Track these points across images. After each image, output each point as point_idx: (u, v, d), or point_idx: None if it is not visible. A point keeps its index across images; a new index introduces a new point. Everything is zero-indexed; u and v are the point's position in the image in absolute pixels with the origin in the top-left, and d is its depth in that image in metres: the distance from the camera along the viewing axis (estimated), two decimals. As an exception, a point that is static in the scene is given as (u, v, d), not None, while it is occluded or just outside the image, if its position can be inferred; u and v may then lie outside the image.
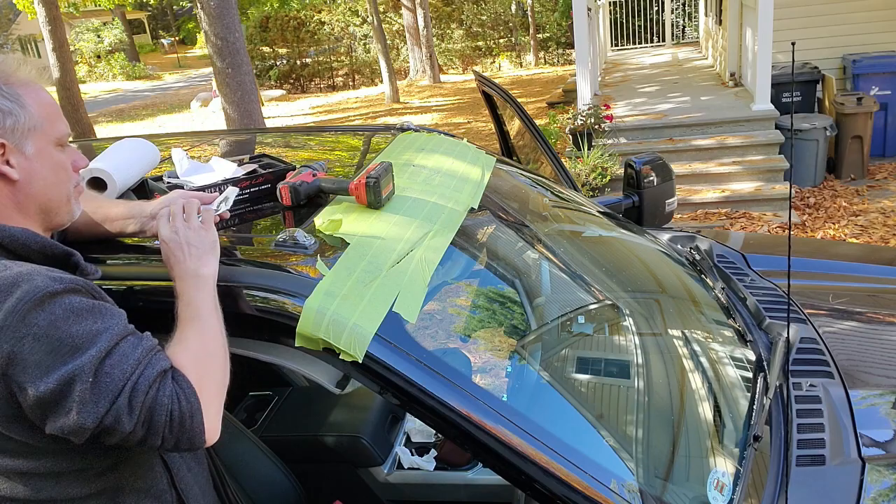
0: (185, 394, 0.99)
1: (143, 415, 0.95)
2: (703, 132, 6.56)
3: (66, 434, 0.94)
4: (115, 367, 0.94)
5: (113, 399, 0.93)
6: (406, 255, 1.34)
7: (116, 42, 29.83)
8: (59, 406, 0.92)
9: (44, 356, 0.91)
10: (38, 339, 0.91)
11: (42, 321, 0.91)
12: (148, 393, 0.96)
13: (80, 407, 0.92)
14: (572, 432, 1.36)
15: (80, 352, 0.92)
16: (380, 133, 2.23)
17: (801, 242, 3.71)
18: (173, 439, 0.99)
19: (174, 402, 0.98)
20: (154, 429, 0.97)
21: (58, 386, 0.91)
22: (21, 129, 1.02)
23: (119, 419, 0.94)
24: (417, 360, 1.19)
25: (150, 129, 14.41)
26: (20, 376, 0.91)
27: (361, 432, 2.11)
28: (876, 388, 1.79)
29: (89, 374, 0.92)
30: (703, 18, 11.63)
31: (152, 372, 0.97)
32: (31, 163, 1.04)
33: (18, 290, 0.92)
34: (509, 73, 17.43)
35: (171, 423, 0.97)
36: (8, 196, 1.03)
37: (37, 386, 0.91)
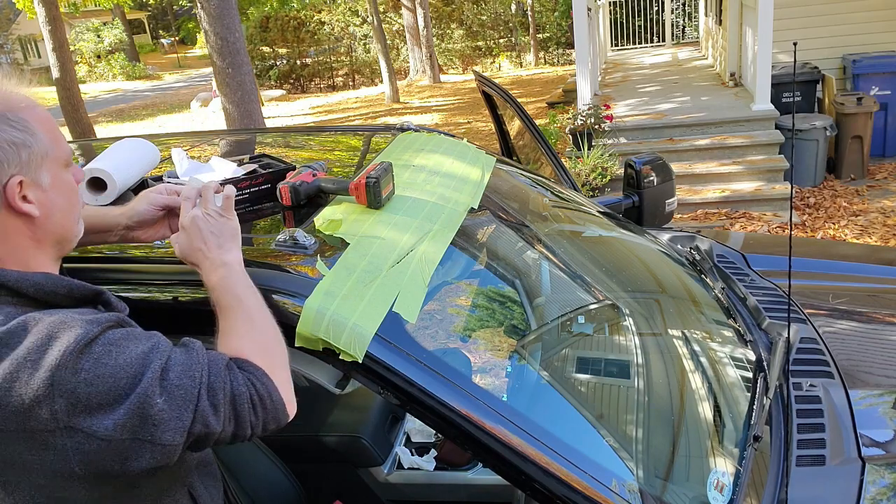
0: (255, 376, 0.99)
1: (227, 410, 0.95)
2: (703, 132, 6.56)
3: (156, 464, 0.90)
4: (183, 377, 0.92)
5: (194, 407, 0.91)
6: (406, 255, 1.34)
7: (116, 42, 29.84)
8: (140, 435, 0.88)
9: (103, 396, 0.87)
10: (90, 384, 0.87)
11: (87, 364, 0.87)
12: (224, 388, 0.95)
13: (162, 427, 0.89)
14: (572, 432, 1.36)
15: (137, 377, 0.89)
16: (380, 133, 2.23)
17: (803, 243, 3.71)
18: (260, 424, 0.99)
19: (250, 387, 0.98)
20: (241, 420, 0.96)
21: (130, 416, 0.87)
22: (35, 160, 0.94)
23: (207, 423, 0.92)
24: (417, 360, 1.19)
25: (150, 129, 14.41)
26: (87, 422, 0.86)
27: (361, 432, 2.11)
28: (876, 388, 1.79)
29: (158, 394, 0.89)
30: (703, 18, 11.63)
31: (219, 368, 0.96)
32: (48, 194, 0.97)
33: (57, 342, 0.87)
34: (509, 73, 17.43)
35: (255, 409, 0.97)
36: (26, 234, 0.96)
37: (107, 424, 0.86)
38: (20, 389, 0.85)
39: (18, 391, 0.85)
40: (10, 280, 0.91)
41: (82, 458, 0.88)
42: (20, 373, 0.85)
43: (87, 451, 0.88)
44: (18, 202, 0.93)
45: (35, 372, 0.85)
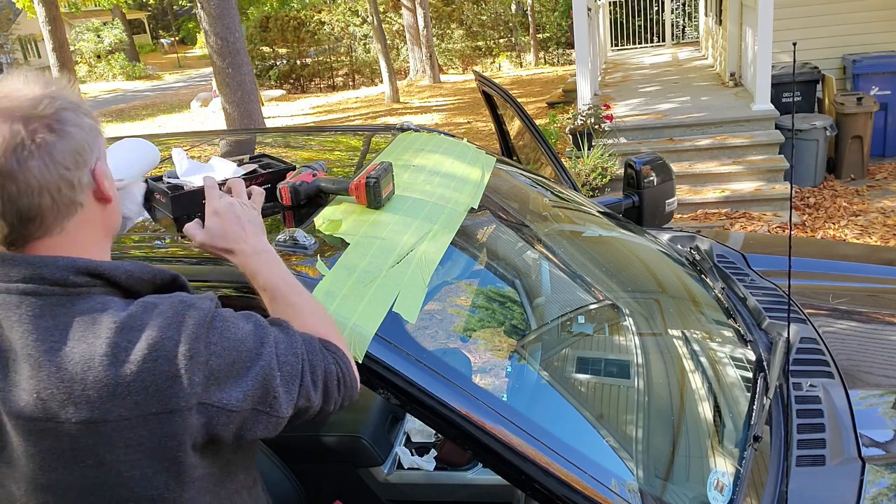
0: (338, 356, 1.04)
1: (322, 386, 0.99)
2: (704, 132, 6.56)
3: (265, 434, 0.94)
4: (288, 354, 0.96)
5: (299, 383, 0.96)
6: (406, 255, 1.34)
7: (116, 42, 29.86)
8: (260, 406, 0.92)
9: (231, 368, 0.90)
10: (220, 356, 0.90)
11: (215, 338, 0.90)
12: (320, 366, 1.00)
13: (279, 400, 0.93)
14: (572, 432, 1.36)
15: (257, 352, 0.93)
16: (380, 133, 2.23)
17: (804, 243, 3.71)
18: (340, 400, 1.03)
19: (336, 365, 1.03)
20: (329, 395, 1.01)
21: (255, 388, 0.91)
22: (103, 149, 0.97)
23: (309, 398, 0.97)
24: (417, 360, 1.19)
25: (150, 129, 14.41)
26: (217, 395, 0.88)
27: (361, 432, 2.11)
28: (876, 388, 1.79)
29: (276, 369, 0.94)
30: (703, 18, 11.63)
31: (314, 347, 1.01)
32: (111, 181, 0.98)
33: (188, 318, 0.89)
34: (509, 73, 17.43)
35: (339, 385, 1.02)
36: (101, 221, 0.96)
37: (237, 395, 0.90)
38: (161, 368, 0.86)
39: (159, 371, 0.86)
40: (105, 269, 0.91)
41: (206, 432, 0.89)
42: (159, 351, 0.86)
43: (213, 424, 0.89)
44: (105, 185, 0.94)
45: (174, 348, 0.87)
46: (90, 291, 0.89)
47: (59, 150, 0.88)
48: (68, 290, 0.88)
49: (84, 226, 0.93)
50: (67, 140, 0.89)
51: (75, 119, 0.90)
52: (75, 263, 0.89)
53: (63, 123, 0.89)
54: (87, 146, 0.92)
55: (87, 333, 0.86)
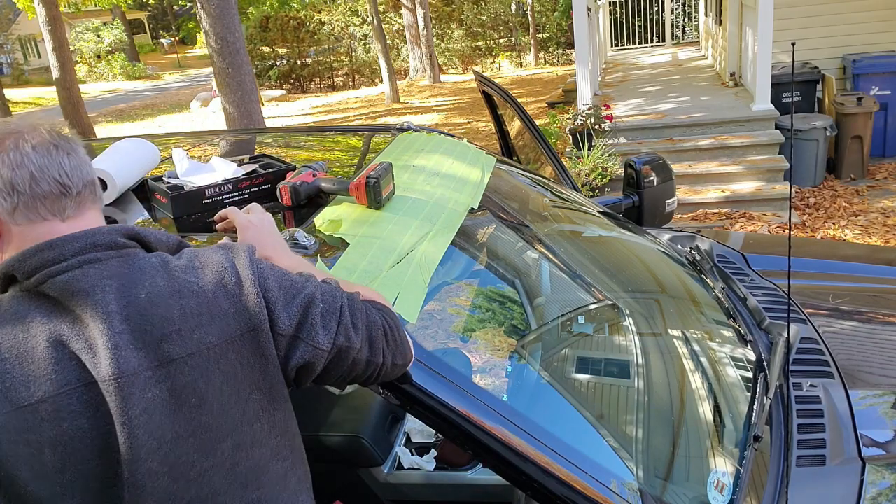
0: (384, 311, 1.09)
1: (364, 331, 1.03)
2: (703, 132, 6.56)
3: (304, 361, 0.98)
4: (328, 294, 1.01)
5: (338, 319, 1.00)
6: (406, 255, 1.34)
7: (116, 42, 29.84)
8: (301, 334, 0.97)
9: (279, 293, 0.97)
10: (273, 279, 0.97)
11: (264, 266, 0.98)
12: (361, 312, 1.04)
13: (317, 329, 0.98)
14: (572, 432, 1.36)
15: (302, 284, 1.00)
16: (380, 133, 2.23)
17: (807, 243, 3.71)
18: (391, 355, 1.06)
19: (382, 317, 1.06)
20: (375, 346, 1.04)
21: (300, 313, 0.97)
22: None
23: (349, 336, 1.00)
24: (418, 360, 1.19)
25: (150, 129, 14.41)
26: (274, 313, 0.95)
27: (361, 432, 2.11)
28: (876, 388, 1.79)
29: (318, 301, 0.99)
30: (703, 18, 11.63)
31: (355, 297, 1.05)
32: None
33: (239, 250, 0.98)
34: (509, 73, 17.44)
35: (387, 338, 1.05)
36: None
37: (284, 319, 0.95)
38: (232, 290, 0.94)
39: (231, 292, 0.94)
40: (142, 233, 0.99)
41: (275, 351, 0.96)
42: (225, 277, 0.94)
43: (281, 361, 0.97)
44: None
45: (236, 273, 0.95)
46: (137, 251, 0.97)
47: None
48: (121, 252, 0.94)
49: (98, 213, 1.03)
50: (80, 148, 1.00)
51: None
52: (121, 228, 0.97)
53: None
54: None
55: (156, 279, 0.92)
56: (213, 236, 1.46)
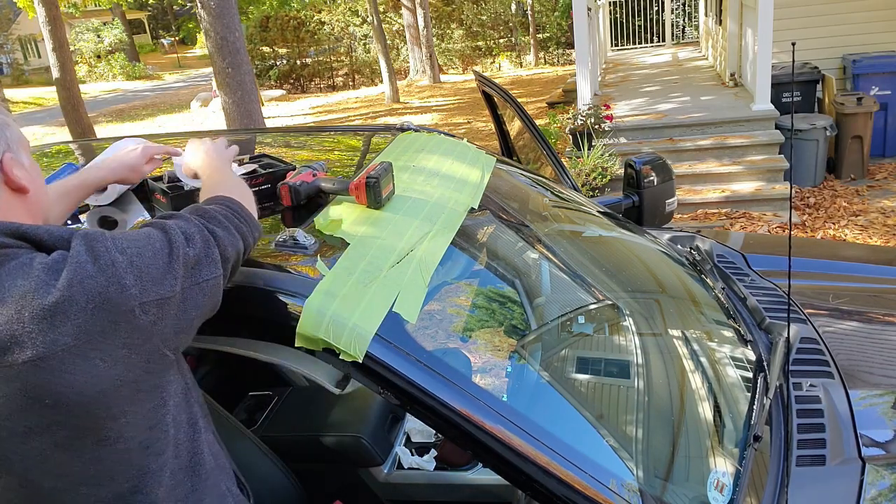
0: (220, 203, 1.15)
1: (232, 227, 1.10)
2: (703, 132, 6.56)
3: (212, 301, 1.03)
4: (190, 227, 1.04)
5: (215, 244, 1.05)
6: (406, 255, 1.34)
7: (116, 42, 29.84)
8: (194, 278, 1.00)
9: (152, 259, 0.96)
10: (139, 255, 0.95)
11: (123, 244, 0.96)
12: (215, 218, 1.09)
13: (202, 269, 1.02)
14: (572, 432, 1.36)
15: (166, 240, 1.00)
16: (380, 133, 2.23)
17: (808, 244, 3.70)
18: (251, 232, 1.15)
19: (222, 206, 1.13)
20: (241, 233, 1.11)
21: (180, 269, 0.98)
22: (15, 141, 1.02)
23: (233, 244, 1.09)
24: (417, 360, 1.19)
25: (150, 129, 14.41)
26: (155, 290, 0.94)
27: (361, 432, 2.11)
28: (876, 388, 1.79)
29: (185, 245, 1.01)
30: (703, 18, 11.63)
31: (199, 209, 1.11)
32: (30, 173, 1.04)
33: (91, 239, 0.94)
34: (509, 73, 17.43)
35: (241, 221, 1.13)
36: (23, 208, 1.02)
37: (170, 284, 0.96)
38: (89, 284, 0.90)
39: (88, 286, 0.90)
40: (28, 231, 0.95)
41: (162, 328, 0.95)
42: (81, 272, 0.90)
43: (165, 316, 0.95)
44: (14, 175, 1.00)
45: (92, 265, 0.91)
46: (18, 253, 0.93)
47: None
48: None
49: (2, 213, 0.99)
50: None
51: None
52: (1, 225, 0.94)
53: None
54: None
55: (17, 280, 0.89)
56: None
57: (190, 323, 1.00)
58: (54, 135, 14.29)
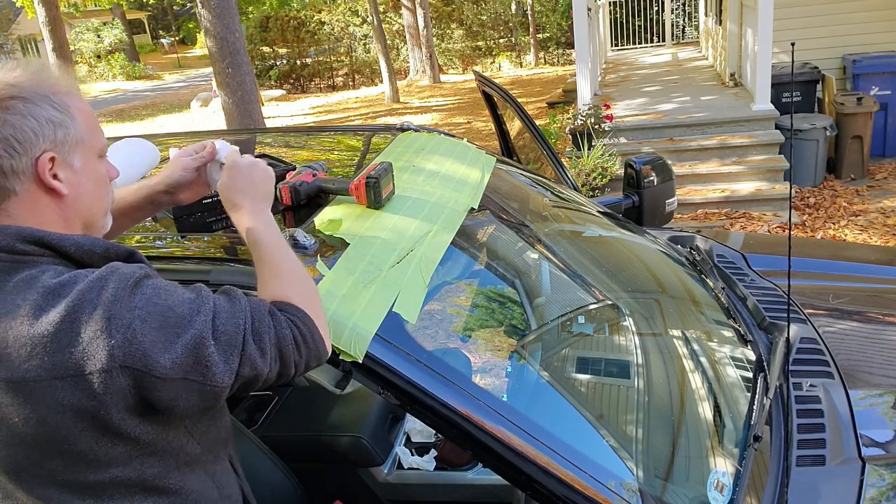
0: (297, 317, 1.02)
1: (273, 352, 0.98)
2: (703, 132, 6.56)
3: (205, 404, 0.94)
4: (228, 323, 0.95)
5: (241, 350, 0.94)
6: (406, 255, 1.34)
7: (116, 42, 29.82)
8: (193, 375, 0.90)
9: (157, 333, 0.89)
10: (144, 320, 0.89)
11: (140, 302, 0.90)
12: (269, 332, 0.98)
13: (213, 368, 0.91)
14: (572, 432, 1.36)
15: (189, 319, 0.92)
16: (380, 133, 2.23)
17: (808, 244, 3.70)
18: (303, 362, 1.02)
19: (293, 328, 1.00)
20: (286, 360, 0.99)
21: (185, 355, 0.89)
22: (70, 142, 0.98)
23: (255, 366, 0.95)
24: (417, 360, 1.19)
25: (150, 129, 14.40)
26: (143, 361, 0.88)
27: (361, 432, 2.11)
28: (876, 388, 1.79)
29: (210, 338, 0.92)
30: (703, 18, 11.63)
31: (261, 314, 0.99)
32: (79, 177, 1.00)
33: (110, 282, 0.90)
34: (509, 73, 17.43)
35: (298, 349, 1.00)
36: (55, 211, 0.98)
37: (164, 363, 0.88)
38: (78, 329, 0.86)
39: (76, 331, 0.86)
40: (53, 239, 0.93)
41: (138, 395, 0.89)
42: (76, 313, 0.87)
43: (143, 387, 0.89)
44: (48, 177, 0.95)
45: (92, 311, 0.87)
46: (38, 261, 0.92)
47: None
48: (15, 258, 0.91)
49: (29, 212, 0.95)
50: (1, 128, 0.91)
51: (23, 109, 0.93)
52: (23, 232, 0.92)
53: (6, 112, 0.92)
54: (32, 136, 0.93)
55: (16, 297, 0.89)
56: (214, 236, 1.46)
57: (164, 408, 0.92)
58: (54, 135, 14.26)
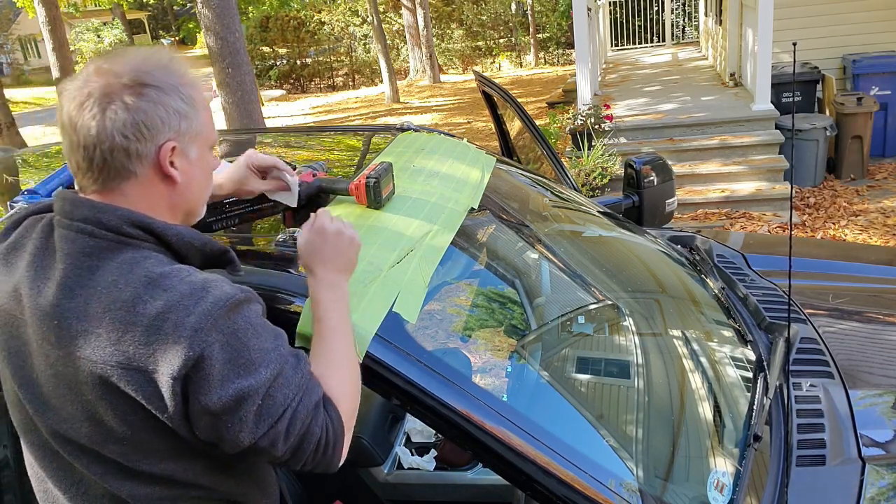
0: (333, 424, 1.01)
1: (295, 441, 0.96)
2: (704, 132, 6.56)
3: (218, 442, 0.94)
4: (279, 392, 0.94)
5: (273, 423, 0.94)
6: (406, 255, 1.34)
7: (116, 42, 29.73)
8: (224, 419, 0.91)
9: (225, 366, 0.91)
10: (223, 347, 0.91)
11: (229, 328, 0.92)
12: (304, 422, 0.96)
13: (242, 424, 0.92)
14: (572, 432, 1.36)
15: (256, 368, 0.93)
16: (380, 133, 2.23)
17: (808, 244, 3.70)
18: (312, 464, 1.00)
19: (324, 431, 0.99)
20: (299, 455, 0.98)
21: (232, 401, 0.91)
22: (191, 133, 1.01)
23: (274, 444, 0.94)
24: (417, 360, 1.19)
25: (150, 129, 14.37)
26: (199, 384, 0.90)
27: (361, 432, 2.11)
28: (876, 388, 1.79)
29: (259, 396, 0.92)
30: (703, 18, 11.63)
31: (310, 401, 0.98)
32: (192, 167, 1.02)
33: (210, 294, 0.92)
34: (509, 73, 17.43)
35: (317, 451, 0.98)
36: (164, 197, 1.01)
37: (212, 396, 0.90)
38: (167, 330, 0.89)
39: (165, 331, 0.89)
40: (157, 227, 0.97)
41: (184, 409, 0.92)
42: (170, 313, 0.90)
43: (188, 406, 0.91)
44: (166, 164, 0.99)
45: (185, 316, 0.90)
46: (141, 245, 0.96)
47: (121, 119, 0.94)
48: (120, 238, 0.95)
49: (142, 194, 0.99)
50: (132, 113, 0.94)
51: (156, 97, 0.96)
52: (131, 216, 0.95)
53: (139, 97, 0.95)
54: (160, 124, 0.97)
55: (119, 279, 0.92)
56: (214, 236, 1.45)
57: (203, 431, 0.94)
58: (55, 135, 14.29)
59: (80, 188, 1.00)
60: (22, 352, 0.98)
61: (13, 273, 0.99)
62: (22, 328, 0.98)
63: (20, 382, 0.99)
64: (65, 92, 0.96)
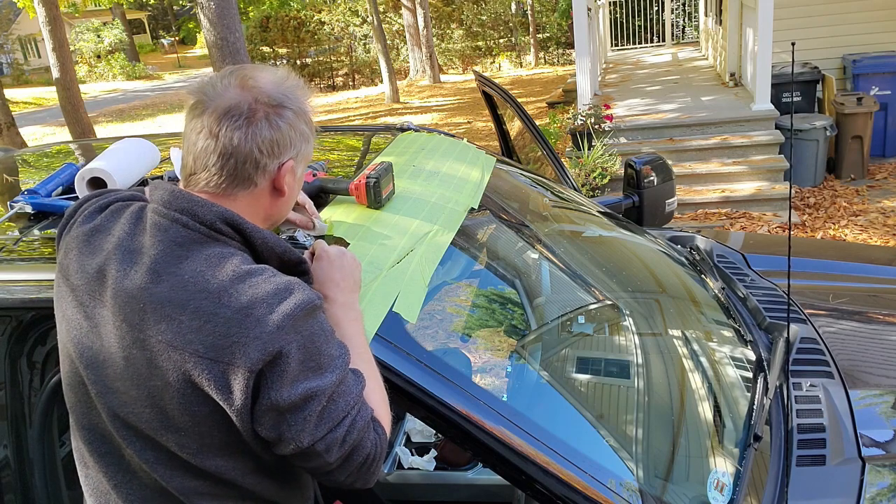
0: (381, 442, 1.02)
1: (348, 450, 0.97)
2: (703, 132, 6.56)
3: (273, 440, 0.96)
4: (341, 398, 0.97)
5: (332, 427, 0.95)
6: (406, 255, 1.34)
7: (116, 42, 29.82)
8: (289, 416, 0.93)
9: (299, 365, 0.93)
10: (300, 348, 0.94)
11: (306, 330, 0.95)
12: (360, 433, 0.98)
13: (305, 424, 0.94)
14: (572, 432, 1.36)
15: (324, 372, 0.95)
16: (380, 133, 2.23)
17: (808, 244, 3.70)
18: (352, 478, 1.01)
19: (374, 447, 1.00)
20: (347, 465, 0.99)
21: (300, 399, 0.93)
22: (304, 155, 1.08)
23: (330, 449, 0.96)
24: (417, 360, 1.19)
25: (150, 129, 14.40)
26: (274, 379, 0.92)
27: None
28: (876, 388, 1.79)
29: (325, 398, 0.95)
30: (703, 18, 11.63)
31: (367, 414, 1.00)
32: (295, 183, 1.09)
33: (294, 296, 0.95)
34: (509, 73, 17.43)
35: (363, 465, 1.00)
36: (266, 207, 1.07)
37: (283, 393, 0.92)
38: (250, 324, 0.92)
39: (248, 326, 0.92)
40: (247, 229, 1.01)
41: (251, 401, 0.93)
42: (254, 308, 0.93)
43: (256, 400, 0.93)
44: (282, 180, 1.05)
45: (268, 313, 0.93)
46: (228, 242, 1.00)
47: (262, 135, 1.00)
48: (211, 233, 0.99)
49: (251, 202, 1.04)
50: (273, 131, 1.01)
51: (292, 120, 1.04)
52: (226, 213, 1.00)
53: (279, 118, 1.02)
54: (289, 144, 1.04)
55: (206, 270, 0.95)
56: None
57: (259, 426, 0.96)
58: (54, 135, 14.29)
59: (188, 185, 1.03)
60: (95, 332, 1.01)
61: (97, 254, 1.02)
62: (98, 308, 1.00)
63: (88, 363, 1.02)
64: (203, 96, 1.01)
